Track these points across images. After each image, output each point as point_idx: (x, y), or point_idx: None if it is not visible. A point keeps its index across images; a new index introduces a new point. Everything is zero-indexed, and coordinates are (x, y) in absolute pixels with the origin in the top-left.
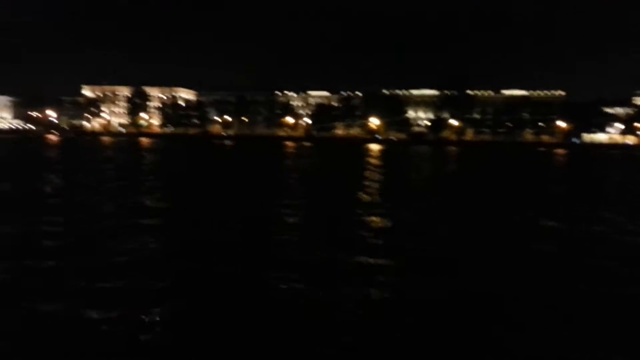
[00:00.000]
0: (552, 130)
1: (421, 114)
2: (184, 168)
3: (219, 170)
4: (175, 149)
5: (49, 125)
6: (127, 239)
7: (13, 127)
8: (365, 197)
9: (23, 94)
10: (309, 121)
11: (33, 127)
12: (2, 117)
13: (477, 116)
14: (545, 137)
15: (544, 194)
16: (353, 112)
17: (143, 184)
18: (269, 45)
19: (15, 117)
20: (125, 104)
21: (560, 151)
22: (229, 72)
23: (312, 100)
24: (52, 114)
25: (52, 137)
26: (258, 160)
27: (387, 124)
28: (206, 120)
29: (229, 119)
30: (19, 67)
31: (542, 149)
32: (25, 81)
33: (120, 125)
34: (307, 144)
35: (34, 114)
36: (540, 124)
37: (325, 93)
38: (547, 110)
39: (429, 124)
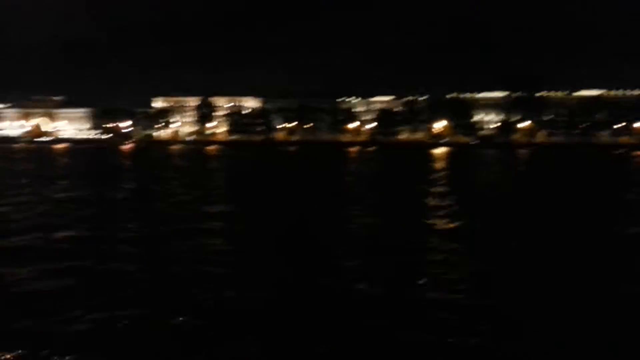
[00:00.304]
0: (630, 131)
1: (488, 117)
2: (248, 175)
3: (284, 176)
4: (240, 156)
5: (122, 135)
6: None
7: (90, 137)
8: (433, 202)
9: (100, 106)
10: (373, 126)
11: (108, 137)
12: (81, 128)
13: (549, 117)
14: (623, 139)
15: (625, 200)
16: (417, 116)
17: (210, 190)
18: (331, 52)
19: (93, 127)
20: (193, 114)
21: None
22: (293, 79)
23: (375, 106)
24: (125, 125)
25: (126, 147)
26: (323, 165)
27: (453, 128)
28: (271, 127)
29: (293, 125)
30: (97, 80)
31: (619, 151)
32: (102, 94)
33: (189, 134)
34: (371, 149)
35: (110, 124)
36: (617, 125)
37: (388, 98)
38: (624, 110)
39: (497, 126)
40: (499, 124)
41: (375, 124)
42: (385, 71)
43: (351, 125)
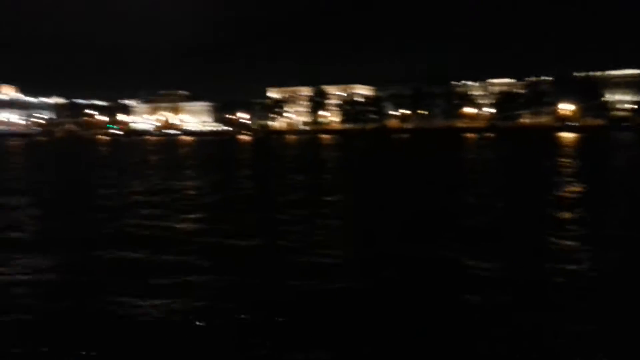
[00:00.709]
0: None
1: (623, 97)
2: (364, 162)
3: (399, 164)
4: (354, 145)
5: (241, 126)
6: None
7: (212, 129)
8: (566, 195)
9: (220, 99)
10: (492, 110)
11: (228, 129)
12: (204, 121)
13: None
14: None
15: None
16: (541, 99)
17: (324, 179)
18: (443, 36)
19: (214, 120)
20: (307, 104)
21: None
22: (406, 65)
23: (494, 89)
24: (244, 116)
25: (244, 137)
26: (438, 153)
27: (582, 110)
28: (383, 114)
29: (406, 112)
30: (218, 75)
31: None
32: (222, 87)
33: (303, 123)
34: (489, 134)
35: (229, 116)
36: None
37: (508, 80)
38: None
39: (633, 107)
40: (634, 104)
41: (494, 108)
42: (504, 52)
43: (468, 111)
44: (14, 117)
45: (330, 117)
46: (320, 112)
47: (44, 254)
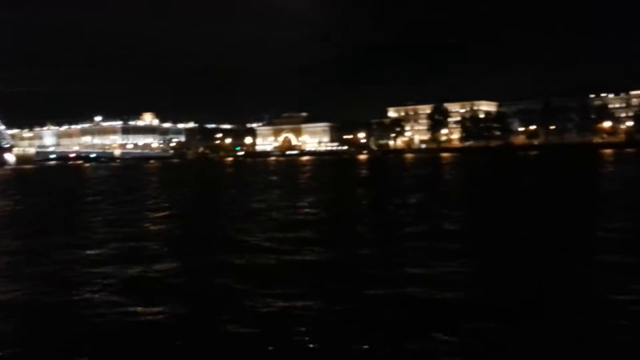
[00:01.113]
0: None
1: None
2: (489, 181)
3: (530, 183)
4: (477, 162)
5: (359, 146)
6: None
7: (330, 149)
8: None
9: (339, 120)
10: (632, 124)
11: (346, 148)
12: (322, 141)
13: None
14: None
15: None
16: None
17: (446, 199)
18: (574, 46)
19: (333, 140)
20: (426, 122)
21: None
22: (533, 79)
23: (636, 101)
24: (362, 136)
25: (362, 156)
26: (572, 170)
27: None
28: (508, 131)
29: (534, 128)
30: (337, 96)
31: None
32: (341, 108)
33: (422, 141)
34: (630, 150)
35: (347, 136)
36: None
37: None
38: None
39: None
40: None
41: (634, 121)
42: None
43: (605, 125)
44: (152, 141)
45: (451, 134)
46: (441, 130)
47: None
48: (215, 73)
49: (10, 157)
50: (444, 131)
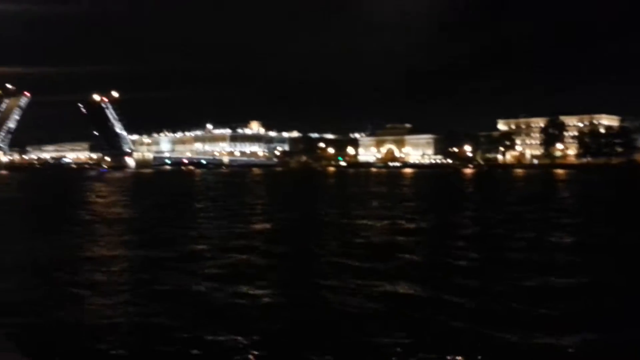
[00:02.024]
0: None
1: None
2: (609, 201)
3: None
4: (596, 181)
5: (465, 159)
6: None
7: (433, 162)
8: None
9: (444, 131)
10: None
11: (451, 162)
12: (425, 154)
13: None
14: None
15: None
16: None
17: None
18: None
19: (436, 152)
20: (539, 136)
21: None
22: None
23: None
24: (468, 149)
25: (468, 170)
26: None
27: None
28: (632, 147)
29: None
30: (443, 107)
31: None
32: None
33: (534, 156)
34: None
35: (453, 149)
36: None
37: None
38: None
39: None
40: None
41: None
42: None
43: None
44: (257, 149)
45: (567, 150)
46: (555, 145)
47: None
48: (319, 84)
49: (130, 161)
50: (559, 146)
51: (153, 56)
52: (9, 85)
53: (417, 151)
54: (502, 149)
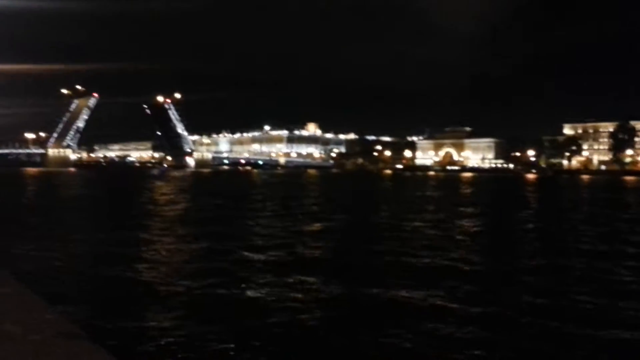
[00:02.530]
0: None
1: None
2: None
3: None
4: None
5: (527, 164)
6: None
7: (493, 166)
8: None
9: (505, 136)
10: None
11: (512, 166)
12: (485, 158)
13: None
14: None
15: None
16: None
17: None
18: None
19: (497, 157)
20: (608, 141)
21: None
22: None
23: None
24: (531, 153)
25: (531, 176)
26: None
27: None
28: None
29: None
30: (503, 111)
31: None
32: (508, 124)
33: (601, 162)
34: None
35: (515, 153)
36: None
37: None
38: None
39: None
40: None
41: None
42: None
43: None
44: (314, 151)
45: (637, 156)
46: (625, 151)
47: None
48: (377, 87)
49: (190, 161)
50: (628, 152)
51: (215, 58)
52: (78, 87)
53: (477, 155)
54: (567, 154)
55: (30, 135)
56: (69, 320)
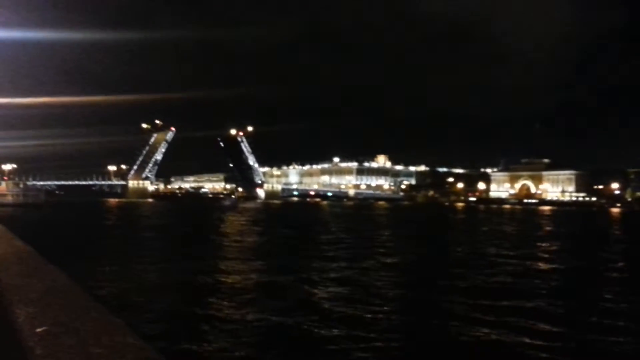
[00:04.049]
0: None
1: None
2: None
3: None
4: None
5: (611, 197)
6: None
7: (574, 200)
8: None
9: (587, 167)
10: None
11: (594, 199)
12: (565, 190)
13: None
14: None
15: None
16: None
17: None
18: None
19: (578, 189)
20: None
21: None
22: None
23: None
24: (615, 186)
25: (615, 210)
26: None
27: None
28: None
29: None
30: (588, 140)
31: None
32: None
33: None
34: None
35: (598, 186)
36: None
37: None
38: None
39: None
40: None
41: None
42: None
43: None
44: (383, 183)
45: None
46: None
47: None
48: (447, 118)
49: (261, 192)
50: None
51: (288, 89)
52: (157, 121)
53: (556, 188)
54: None
55: (111, 168)
56: (149, 345)
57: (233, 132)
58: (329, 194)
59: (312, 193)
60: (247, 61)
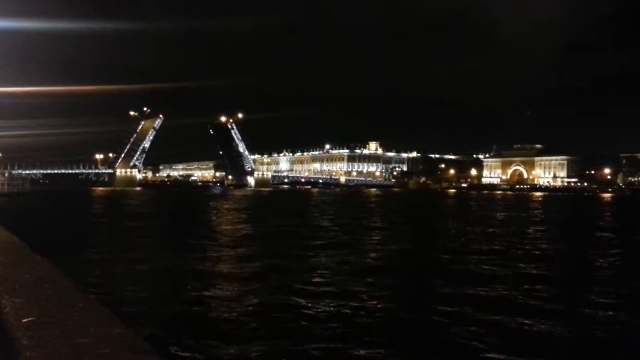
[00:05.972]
0: None
1: None
2: None
3: None
4: None
5: (603, 183)
6: None
7: (566, 185)
8: None
9: (579, 152)
10: None
11: (586, 185)
12: (558, 176)
13: None
14: None
15: None
16: None
17: None
18: None
19: (570, 175)
20: None
21: None
22: None
23: None
24: (607, 171)
25: (607, 195)
26: None
27: None
28: None
29: None
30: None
31: None
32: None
33: None
34: None
35: (589, 172)
36: None
37: None
38: None
39: None
40: None
41: None
42: None
43: None
44: (375, 169)
45: None
46: None
47: None
48: (443, 104)
49: (251, 180)
50: None
51: (277, 76)
52: (145, 109)
53: (548, 173)
54: None
55: (99, 156)
56: (137, 335)
57: (223, 119)
58: (320, 181)
59: (303, 180)
60: (239, 50)
